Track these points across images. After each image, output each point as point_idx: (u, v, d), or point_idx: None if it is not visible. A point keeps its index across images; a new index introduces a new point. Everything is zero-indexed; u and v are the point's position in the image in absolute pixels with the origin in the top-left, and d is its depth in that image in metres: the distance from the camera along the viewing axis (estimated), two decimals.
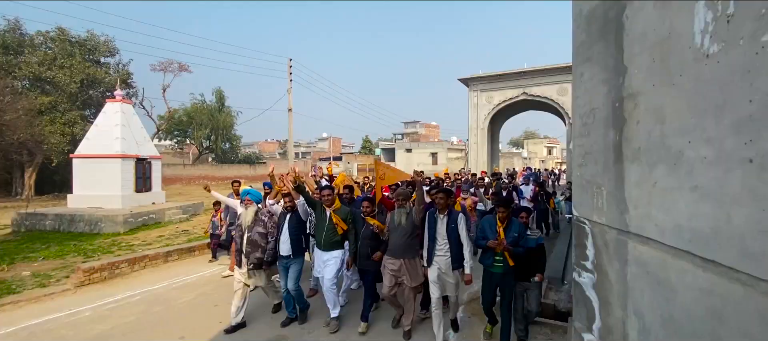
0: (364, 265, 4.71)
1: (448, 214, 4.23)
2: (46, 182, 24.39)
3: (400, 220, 4.42)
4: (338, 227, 4.62)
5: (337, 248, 4.71)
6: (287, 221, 4.77)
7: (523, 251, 4.02)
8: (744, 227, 1.32)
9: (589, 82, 2.69)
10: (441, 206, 4.24)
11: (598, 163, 2.55)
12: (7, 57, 22.49)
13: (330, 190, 4.76)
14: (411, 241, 4.41)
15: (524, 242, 4.08)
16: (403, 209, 4.45)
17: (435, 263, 4.20)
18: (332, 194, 4.72)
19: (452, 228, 4.15)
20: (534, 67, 22.83)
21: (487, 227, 4.19)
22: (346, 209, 4.82)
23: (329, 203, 4.69)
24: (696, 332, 1.59)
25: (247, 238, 4.73)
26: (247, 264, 4.70)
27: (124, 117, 14.11)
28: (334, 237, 4.66)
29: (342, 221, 4.63)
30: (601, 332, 2.52)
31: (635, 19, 2.08)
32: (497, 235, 4.01)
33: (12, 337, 4.55)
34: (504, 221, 4.09)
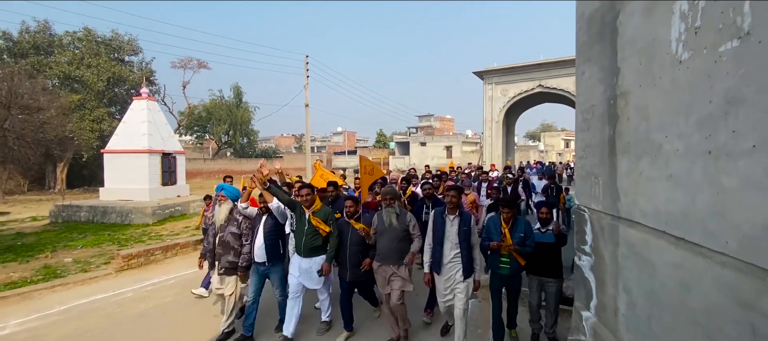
0: (355, 275, 4.08)
1: (459, 215, 3.72)
2: (76, 176, 25.63)
3: (389, 221, 3.92)
4: (319, 229, 4.02)
5: (320, 253, 4.09)
6: (262, 224, 4.19)
7: (531, 250, 3.76)
8: (704, 209, 1.57)
9: (589, 81, 2.91)
10: (452, 206, 3.74)
11: (596, 155, 2.78)
12: (38, 57, 23.66)
13: (308, 189, 4.17)
14: (402, 245, 3.94)
15: (532, 241, 3.80)
16: (392, 209, 3.94)
17: (443, 271, 3.72)
18: (311, 193, 4.14)
19: (465, 231, 3.67)
20: (550, 59, 22.56)
21: (492, 228, 3.90)
22: (328, 210, 4.21)
23: (308, 203, 4.09)
24: (670, 302, 1.84)
25: (219, 238, 4.22)
26: (218, 267, 4.18)
27: (150, 114, 14.76)
28: (315, 242, 4.04)
29: (323, 223, 4.03)
30: (597, 309, 2.77)
31: (627, 25, 2.30)
32: (502, 236, 3.77)
33: (65, 314, 5.07)
34: (509, 222, 3.80)
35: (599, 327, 2.72)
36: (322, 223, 4.04)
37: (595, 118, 2.81)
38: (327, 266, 4.04)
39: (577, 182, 3.28)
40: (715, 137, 1.50)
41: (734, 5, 1.39)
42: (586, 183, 3.05)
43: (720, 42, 1.47)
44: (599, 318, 2.76)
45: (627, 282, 2.30)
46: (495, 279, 3.97)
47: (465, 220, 3.72)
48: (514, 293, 3.99)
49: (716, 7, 1.49)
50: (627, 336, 2.30)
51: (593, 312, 2.86)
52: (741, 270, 1.37)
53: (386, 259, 3.93)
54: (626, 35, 2.31)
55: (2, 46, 23.42)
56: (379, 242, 3.98)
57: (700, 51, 1.59)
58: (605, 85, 2.62)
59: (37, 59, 23.36)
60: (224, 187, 4.52)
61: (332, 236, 4.09)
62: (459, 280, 3.68)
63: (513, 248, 3.71)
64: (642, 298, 2.11)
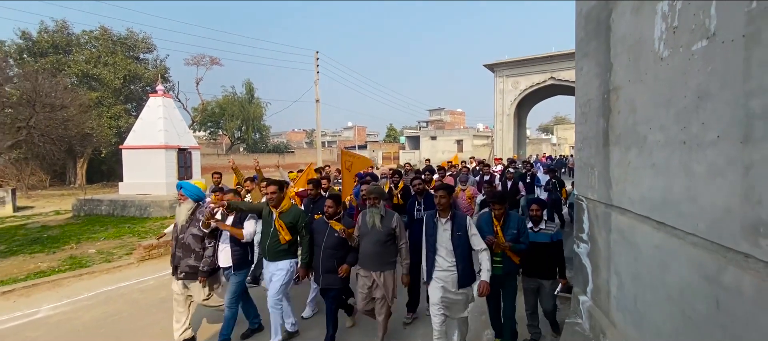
0: (328, 281, 3.73)
1: (451, 218, 3.35)
2: (95, 171, 26.45)
3: (372, 222, 3.60)
4: (281, 234, 3.71)
5: (285, 257, 3.79)
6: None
7: (525, 246, 3.55)
8: (680, 194, 1.71)
9: (587, 76, 3.04)
10: (442, 208, 3.35)
11: (592, 147, 2.92)
12: (57, 56, 24.39)
13: (275, 186, 3.81)
14: (386, 249, 3.63)
15: (526, 238, 3.58)
16: (376, 210, 3.63)
17: (436, 280, 3.32)
18: (277, 192, 3.77)
19: (460, 236, 3.29)
20: (562, 51, 22.32)
21: (483, 225, 3.66)
22: (296, 211, 3.88)
23: (275, 203, 3.76)
24: (651, 281, 1.98)
25: (179, 240, 3.91)
26: (178, 272, 3.89)
27: (166, 110, 15.18)
28: (279, 246, 3.74)
29: (285, 229, 3.70)
30: (592, 292, 2.93)
31: (619, 23, 2.43)
32: (495, 234, 3.54)
33: (93, 300, 5.41)
34: (500, 218, 3.59)
35: (594, 309, 2.87)
36: (284, 228, 3.71)
37: (592, 111, 2.94)
38: (303, 271, 3.82)
39: (576, 173, 3.42)
40: (689, 129, 1.64)
41: (703, 8, 1.52)
42: (583, 174, 3.18)
43: (693, 41, 1.60)
44: (594, 301, 2.91)
45: (617, 265, 2.45)
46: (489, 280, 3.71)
47: (459, 224, 3.33)
48: (509, 294, 3.70)
49: (690, 9, 1.62)
50: (617, 315, 2.45)
51: (589, 295, 3.01)
52: (708, 248, 1.51)
53: (368, 264, 3.63)
54: (618, 33, 2.44)
55: (22, 45, 24.19)
56: (361, 245, 3.68)
57: (677, 49, 1.72)
58: (600, 80, 2.74)
59: (56, 58, 24.07)
60: (183, 185, 4.11)
61: (304, 239, 3.83)
62: (453, 292, 3.30)
63: (505, 245, 3.48)
64: (629, 280, 2.26)
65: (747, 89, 1.30)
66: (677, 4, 1.71)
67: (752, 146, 1.28)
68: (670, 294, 1.79)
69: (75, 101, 12.39)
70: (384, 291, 3.61)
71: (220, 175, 7.28)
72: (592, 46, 2.91)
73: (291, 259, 3.87)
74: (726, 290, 1.42)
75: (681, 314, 1.71)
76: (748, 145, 1.29)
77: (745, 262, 1.31)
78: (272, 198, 3.78)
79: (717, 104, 1.45)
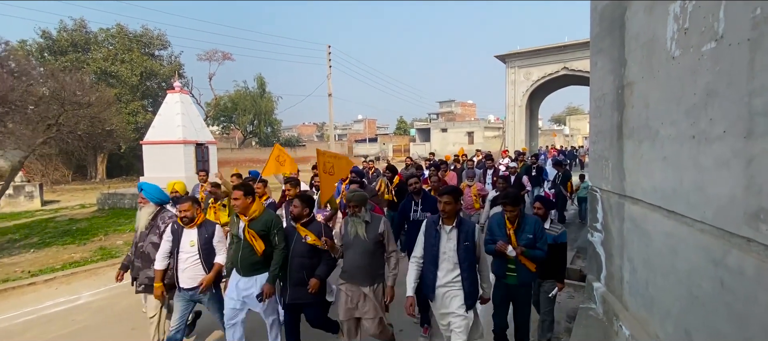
0: (295, 295, 3.21)
1: (457, 226, 2.91)
2: (114, 166, 27.26)
3: (355, 232, 3.12)
4: (255, 245, 3.21)
5: (263, 270, 3.29)
6: (188, 242, 3.34)
7: (543, 253, 3.11)
8: (689, 185, 1.84)
9: (601, 71, 3.15)
10: (447, 214, 2.89)
11: (606, 140, 3.04)
12: (76, 54, 25.07)
13: (241, 191, 3.29)
14: (375, 259, 3.16)
15: (544, 243, 3.15)
16: (358, 219, 3.14)
17: (437, 298, 2.90)
18: (244, 197, 3.26)
19: (467, 248, 2.86)
20: (575, 41, 22.04)
21: (495, 228, 3.25)
22: (268, 217, 3.33)
23: (241, 209, 3.26)
24: (662, 266, 2.12)
25: (138, 249, 3.55)
26: (137, 284, 3.53)
27: (183, 106, 15.55)
28: (254, 258, 3.24)
29: (257, 238, 3.21)
30: (606, 279, 3.07)
31: (632, 21, 2.54)
32: (508, 238, 3.13)
33: (128, 287, 5.71)
34: (514, 221, 3.14)
35: (607, 295, 3.01)
36: (256, 238, 3.20)
37: (606, 105, 3.05)
38: (268, 288, 3.18)
39: (590, 165, 3.54)
40: (697, 124, 1.76)
41: (712, 11, 1.64)
42: (598, 165, 3.31)
43: (702, 43, 1.72)
44: (608, 287, 3.05)
45: (630, 252, 2.59)
46: (499, 289, 3.25)
47: (467, 232, 2.89)
48: (522, 307, 3.21)
49: (700, 12, 1.74)
50: (629, 299, 2.59)
51: (603, 282, 3.15)
52: (714, 234, 1.65)
53: (356, 278, 3.12)
54: (632, 30, 2.55)
55: (43, 44, 24.89)
56: (346, 258, 3.20)
57: (688, 49, 1.84)
58: (614, 75, 2.86)
59: (76, 56, 24.74)
60: (144, 187, 3.74)
61: (277, 249, 3.24)
62: (458, 313, 2.83)
63: (519, 251, 3.04)
64: (641, 265, 2.40)
65: (751, 88, 1.42)
66: (688, 6, 1.83)
67: (754, 141, 1.41)
68: (679, 277, 1.93)
69: (101, 99, 12.84)
70: (376, 307, 3.11)
71: (207, 173, 6.71)
72: (607, 43, 3.01)
73: (265, 273, 3.31)
74: (730, 271, 1.56)
75: (689, 295, 1.85)
76: (751, 139, 1.42)
77: (747, 246, 1.45)
78: (238, 205, 3.25)
79: (723, 101, 1.58)
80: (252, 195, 3.34)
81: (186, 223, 3.33)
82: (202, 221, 3.43)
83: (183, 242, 3.33)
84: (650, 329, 2.28)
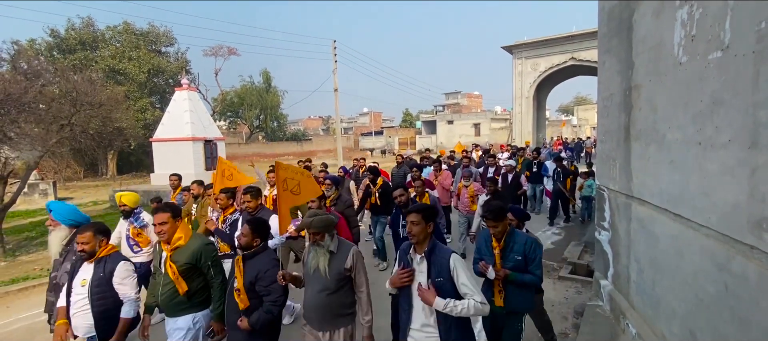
0: (232, 336, 2.69)
1: (429, 253, 2.20)
2: (124, 163, 27.68)
3: (315, 265, 2.47)
4: (176, 284, 2.64)
5: (185, 311, 2.73)
6: (81, 280, 2.69)
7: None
8: (695, 190, 1.88)
9: (609, 71, 3.17)
10: (416, 239, 2.20)
11: (614, 140, 3.07)
12: (84, 52, 25.34)
13: (166, 213, 2.69)
14: (339, 298, 2.48)
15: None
16: (321, 248, 2.47)
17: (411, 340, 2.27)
18: (169, 222, 2.67)
19: (441, 284, 2.13)
20: (583, 30, 21.76)
21: (483, 245, 2.77)
22: (197, 246, 2.71)
23: (165, 237, 2.67)
24: (668, 267, 2.17)
25: (51, 280, 3.09)
26: (51, 321, 3.03)
27: (192, 103, 15.72)
28: (175, 296, 2.67)
29: (178, 275, 2.62)
30: (613, 277, 3.12)
31: (640, 24, 2.55)
32: (493, 258, 2.66)
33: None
34: (501, 238, 2.64)
35: (615, 292, 3.06)
36: (177, 275, 2.61)
37: (614, 106, 3.07)
38: (216, 325, 2.74)
39: (598, 164, 3.57)
40: (704, 131, 1.80)
41: (719, 21, 1.66)
42: (605, 165, 3.33)
43: (709, 51, 1.75)
44: (615, 285, 3.10)
45: (637, 252, 2.63)
46: (486, 317, 2.76)
47: (440, 265, 2.15)
48: (511, 339, 2.72)
49: (706, 20, 1.76)
50: (636, 298, 2.64)
51: (610, 280, 3.20)
52: (719, 239, 1.69)
53: (313, 321, 2.50)
54: (640, 33, 2.56)
55: (52, 43, 25.18)
56: (305, 295, 2.56)
57: (695, 56, 1.87)
58: (622, 76, 2.87)
59: (84, 54, 25.00)
60: (53, 207, 3.19)
61: (214, 282, 2.74)
62: None
63: (501, 275, 2.56)
64: (648, 266, 2.45)
65: (756, 100, 1.46)
66: (695, 14, 1.85)
67: (759, 151, 1.44)
68: (685, 279, 1.98)
69: (111, 97, 13.07)
70: None
71: (179, 177, 6.05)
72: (615, 43, 3.02)
73: (193, 314, 2.74)
74: (734, 276, 1.61)
75: (694, 297, 1.90)
76: (755, 150, 1.45)
77: (751, 253, 1.50)
78: (161, 231, 2.66)
79: (729, 110, 1.61)
80: (175, 217, 2.73)
81: (85, 257, 2.68)
82: (106, 254, 2.73)
83: (75, 281, 2.70)
84: (656, 328, 2.33)
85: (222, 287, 2.77)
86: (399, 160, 8.42)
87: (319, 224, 2.45)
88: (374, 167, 6.25)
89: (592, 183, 7.52)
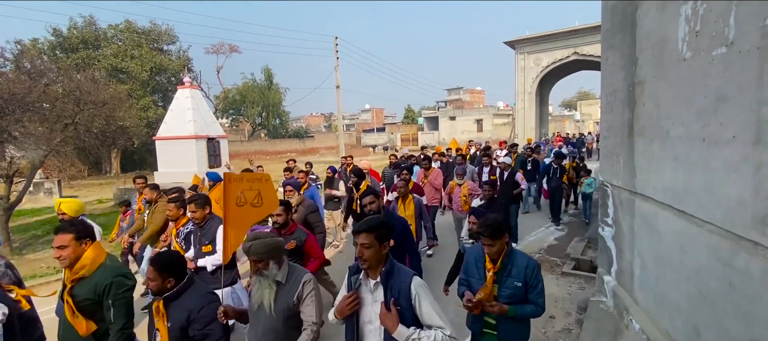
0: None
1: (386, 276, 1.81)
2: (128, 161, 27.82)
3: (260, 299, 2.04)
4: (74, 323, 2.15)
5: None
6: None
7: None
8: (699, 186, 1.88)
9: (612, 67, 3.16)
10: (366, 262, 1.79)
11: (617, 136, 3.06)
12: (87, 51, 25.41)
13: (68, 234, 2.18)
14: (287, 335, 2.04)
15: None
16: (265, 279, 2.03)
17: None
18: (72, 244, 2.16)
19: (401, 313, 1.75)
20: (586, 25, 21.57)
21: (472, 264, 2.28)
22: (102, 277, 2.18)
23: (67, 262, 2.18)
24: (671, 262, 2.17)
25: None
26: None
27: (194, 101, 15.76)
28: (78, 337, 2.20)
29: (77, 313, 2.15)
30: (617, 273, 3.12)
31: (644, 19, 2.54)
32: (486, 283, 2.14)
33: None
34: (497, 259, 2.13)
35: (618, 288, 3.07)
36: (75, 312, 2.14)
37: (617, 102, 3.06)
38: None
39: (601, 160, 3.56)
40: (708, 127, 1.79)
41: (723, 16, 1.66)
42: (609, 161, 3.33)
43: (713, 47, 1.74)
44: (619, 281, 3.11)
45: (640, 248, 2.63)
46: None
47: (399, 291, 1.77)
48: None
49: (711, 16, 1.75)
50: (640, 294, 2.65)
51: (613, 276, 3.20)
52: (723, 236, 1.70)
53: None
54: (643, 29, 2.55)
55: (54, 42, 25.27)
56: (248, 333, 2.17)
57: (699, 52, 1.86)
58: (626, 72, 2.87)
59: (87, 53, 25.08)
60: None
61: (113, 329, 2.17)
62: None
63: (495, 309, 2.08)
64: (651, 262, 2.45)
65: (760, 96, 1.45)
66: (699, 9, 1.84)
67: (763, 148, 1.44)
68: (689, 275, 1.99)
69: (114, 96, 13.12)
70: None
71: (145, 179, 5.60)
72: (618, 39, 3.01)
73: None
74: (738, 272, 1.61)
75: (698, 293, 1.91)
76: (759, 146, 1.46)
77: (755, 249, 1.50)
78: (60, 256, 2.17)
79: (733, 107, 1.61)
80: (88, 238, 2.22)
81: None
82: None
83: None
84: (660, 324, 2.34)
85: (122, 336, 2.17)
86: (393, 159, 7.95)
87: (260, 250, 1.98)
88: (358, 168, 5.63)
89: (591, 181, 7.34)
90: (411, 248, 3.13)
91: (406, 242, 3.10)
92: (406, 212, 4.12)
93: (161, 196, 4.72)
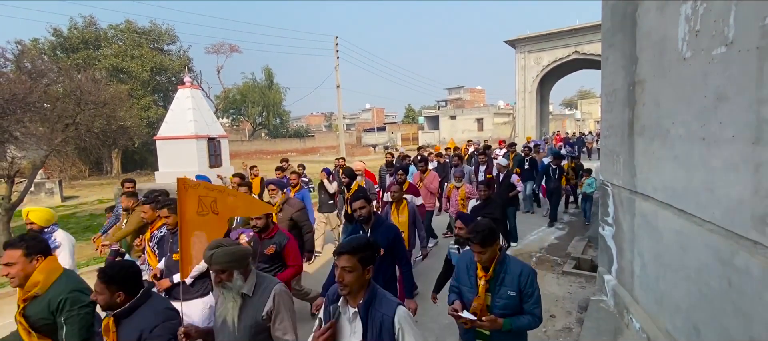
0: None
1: (365, 307, 1.63)
2: (128, 161, 27.87)
3: (224, 314, 1.84)
4: None
5: None
6: None
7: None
8: (699, 185, 1.89)
9: (612, 66, 3.16)
10: (346, 288, 1.60)
11: (618, 135, 3.07)
12: (87, 51, 25.44)
13: (18, 249, 2.04)
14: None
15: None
16: (228, 291, 1.83)
17: None
18: (21, 261, 2.02)
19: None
20: (587, 23, 21.57)
21: (463, 271, 2.14)
22: (57, 292, 2.02)
23: (15, 282, 2.05)
24: (671, 261, 2.18)
25: None
26: None
27: (195, 101, 15.77)
28: None
29: (31, 334, 2.02)
30: (617, 272, 3.13)
31: (644, 19, 2.55)
32: (479, 293, 2.00)
33: None
34: (489, 267, 1.99)
35: (618, 287, 3.07)
36: (30, 333, 2.00)
37: (617, 101, 3.07)
38: None
39: (602, 160, 3.57)
40: (708, 127, 1.80)
41: (723, 16, 1.66)
42: (609, 160, 3.33)
43: (713, 46, 1.74)
44: (619, 279, 3.11)
45: (640, 247, 2.64)
46: None
47: (380, 324, 1.59)
48: None
49: (711, 16, 1.76)
50: (640, 293, 2.66)
51: (614, 275, 3.21)
52: (722, 235, 1.70)
53: None
54: (643, 28, 2.55)
55: (55, 42, 25.29)
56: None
57: (699, 52, 1.87)
58: (626, 71, 2.87)
59: (87, 53, 25.12)
60: None
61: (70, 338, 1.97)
62: None
63: (488, 322, 1.89)
64: (651, 261, 2.46)
65: (760, 96, 1.46)
66: (699, 9, 1.85)
67: (763, 147, 1.45)
68: (689, 274, 1.99)
69: (115, 96, 13.16)
70: None
71: (133, 183, 5.45)
72: (618, 38, 3.02)
73: None
74: (737, 271, 1.62)
75: (698, 292, 1.91)
76: (759, 146, 1.46)
77: (754, 248, 1.51)
78: (8, 274, 2.03)
79: (733, 106, 1.62)
80: (39, 254, 2.07)
81: None
82: None
83: None
84: (660, 322, 2.34)
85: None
86: (389, 157, 7.68)
87: (222, 259, 1.78)
88: (349, 169, 5.55)
89: (592, 181, 7.25)
90: (402, 257, 2.93)
91: (398, 250, 2.89)
92: (400, 219, 3.92)
93: (139, 204, 4.38)
